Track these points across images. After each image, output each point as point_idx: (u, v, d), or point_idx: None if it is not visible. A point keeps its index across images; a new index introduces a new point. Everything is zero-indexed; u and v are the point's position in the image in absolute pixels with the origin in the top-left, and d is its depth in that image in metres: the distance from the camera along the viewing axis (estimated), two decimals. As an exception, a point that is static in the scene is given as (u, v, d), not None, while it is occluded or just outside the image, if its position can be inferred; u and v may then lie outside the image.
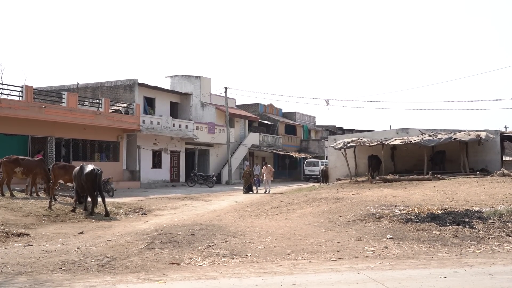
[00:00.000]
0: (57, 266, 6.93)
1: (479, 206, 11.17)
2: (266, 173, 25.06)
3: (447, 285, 5.61)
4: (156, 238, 8.63)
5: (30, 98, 22.74)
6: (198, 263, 7.10)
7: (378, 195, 14.38)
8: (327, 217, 11.00)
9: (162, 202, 18.49)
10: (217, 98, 38.77)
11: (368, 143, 24.17)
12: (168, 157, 32.25)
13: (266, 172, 25.12)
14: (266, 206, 14.01)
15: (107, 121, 26.67)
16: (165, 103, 34.45)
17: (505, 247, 7.97)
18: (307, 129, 52.73)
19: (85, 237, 9.57)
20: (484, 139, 21.86)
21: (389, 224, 9.59)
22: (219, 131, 36.04)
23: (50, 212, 13.01)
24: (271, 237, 8.91)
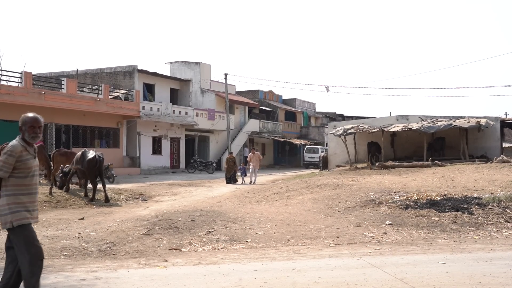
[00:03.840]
0: (58, 251, 6.98)
1: (478, 192, 11.21)
2: (253, 160, 21.74)
3: (445, 270, 5.66)
4: (156, 224, 8.67)
5: (30, 84, 22.68)
6: (199, 249, 7.15)
7: (377, 181, 14.42)
8: (326, 204, 11.05)
9: (162, 189, 18.54)
10: (217, 85, 38.65)
11: (368, 130, 24.17)
12: (168, 143, 32.26)
13: (253, 159, 21.79)
14: (266, 193, 14.06)
15: (106, 108, 26.62)
16: (165, 89, 34.35)
17: (503, 233, 8.02)
18: (307, 116, 52.66)
19: (86, 223, 9.62)
20: (484, 125, 21.85)
21: (388, 210, 9.63)
22: (219, 118, 35.99)
23: (51, 198, 13.05)
24: (271, 223, 8.96)
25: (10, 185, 4.02)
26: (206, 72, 38.10)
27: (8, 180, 4.02)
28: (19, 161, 4.03)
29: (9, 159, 3.99)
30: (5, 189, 4.03)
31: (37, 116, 4.24)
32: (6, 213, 3.97)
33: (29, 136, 4.17)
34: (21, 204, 4.04)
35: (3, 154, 4.03)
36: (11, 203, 3.99)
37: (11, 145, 4.08)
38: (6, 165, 3.99)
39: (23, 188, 4.06)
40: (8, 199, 3.99)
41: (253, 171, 21.69)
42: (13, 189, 4.03)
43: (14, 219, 3.97)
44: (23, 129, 4.17)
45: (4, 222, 3.97)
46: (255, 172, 21.74)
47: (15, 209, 3.99)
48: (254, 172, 21.68)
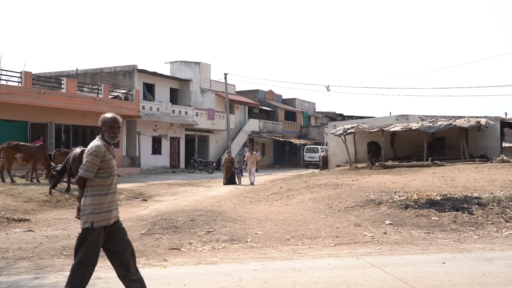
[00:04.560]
0: (58, 251, 6.97)
1: (478, 192, 11.20)
2: (250, 161, 21.29)
3: (445, 270, 5.66)
4: (156, 224, 8.67)
5: (29, 84, 22.66)
6: (198, 249, 7.14)
7: (377, 181, 14.42)
8: (326, 203, 11.04)
9: (162, 188, 18.54)
10: (217, 84, 38.65)
11: (368, 130, 24.17)
12: (168, 143, 32.25)
13: (250, 160, 21.35)
14: (265, 192, 14.06)
15: (106, 107, 26.57)
16: (165, 89, 34.34)
17: (503, 233, 8.02)
18: (307, 116, 52.67)
19: (85, 223, 9.60)
20: (484, 125, 21.85)
21: (388, 210, 9.63)
22: (219, 117, 35.98)
23: (51, 197, 13.05)
24: (271, 222, 8.95)
25: (94, 185, 4.05)
26: (206, 71, 38.10)
27: (92, 180, 4.04)
28: (104, 161, 4.06)
29: (95, 159, 4.02)
30: (89, 189, 4.05)
31: (116, 116, 4.27)
32: (89, 213, 4.00)
33: (108, 136, 4.19)
34: (104, 204, 4.07)
35: (89, 154, 4.03)
36: (94, 204, 4.02)
37: (96, 145, 4.09)
38: (92, 165, 4.01)
39: (105, 188, 4.09)
40: (92, 200, 4.03)
41: (250, 172, 21.13)
42: (97, 189, 4.06)
43: (94, 220, 3.99)
44: (102, 129, 4.20)
45: (84, 222, 4.00)
46: (253, 172, 21.19)
47: (98, 210, 4.02)
48: (252, 173, 21.11)
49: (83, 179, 4.03)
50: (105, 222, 4.04)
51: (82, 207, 4.04)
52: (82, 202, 4.05)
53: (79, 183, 4.08)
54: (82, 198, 4.06)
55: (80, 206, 4.12)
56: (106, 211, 4.06)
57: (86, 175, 4.00)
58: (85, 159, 4.03)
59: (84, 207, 4.02)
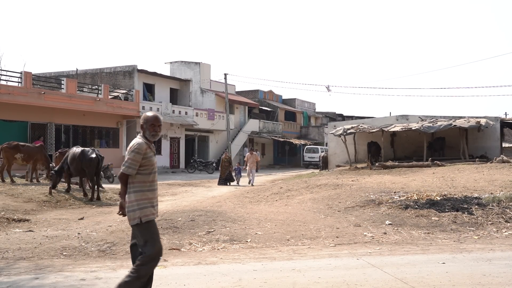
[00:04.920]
0: (58, 251, 6.97)
1: (478, 192, 11.20)
2: (250, 161, 20.96)
3: (445, 270, 5.66)
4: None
5: (29, 84, 22.66)
6: (198, 249, 7.14)
7: (377, 181, 14.42)
8: (326, 203, 11.04)
9: (162, 189, 18.53)
10: (216, 85, 38.65)
11: (368, 130, 24.17)
12: (168, 143, 32.25)
13: (250, 160, 21.02)
14: (265, 193, 14.05)
15: (106, 107, 26.61)
16: (165, 89, 34.35)
17: (503, 233, 8.02)
18: (307, 116, 52.66)
19: (85, 223, 9.61)
20: (484, 125, 21.85)
21: (388, 210, 9.62)
22: (219, 118, 35.98)
23: (51, 198, 13.04)
24: (271, 223, 8.95)
25: (136, 182, 4.17)
26: (206, 72, 38.10)
27: (134, 177, 4.16)
28: (145, 158, 4.18)
29: (136, 156, 4.13)
30: (132, 186, 4.17)
31: (157, 115, 4.42)
32: (135, 209, 4.11)
33: (149, 134, 4.31)
34: (148, 199, 4.19)
35: (131, 151, 4.14)
36: (139, 199, 4.13)
37: (137, 143, 4.20)
38: (134, 162, 4.12)
39: (147, 184, 4.21)
40: (136, 196, 4.14)
41: (250, 172, 20.83)
42: (139, 186, 4.17)
43: (142, 215, 4.10)
44: (144, 127, 4.32)
45: (133, 218, 4.11)
46: (253, 173, 20.90)
47: (143, 205, 4.14)
48: (252, 173, 20.83)
49: (125, 175, 4.16)
50: (151, 217, 4.18)
51: (127, 203, 4.17)
52: (127, 199, 4.18)
53: (121, 179, 4.20)
54: (125, 195, 4.19)
55: (122, 202, 4.27)
56: (149, 206, 4.19)
57: (128, 171, 4.13)
58: (127, 156, 4.16)
59: (130, 203, 4.15)
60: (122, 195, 4.28)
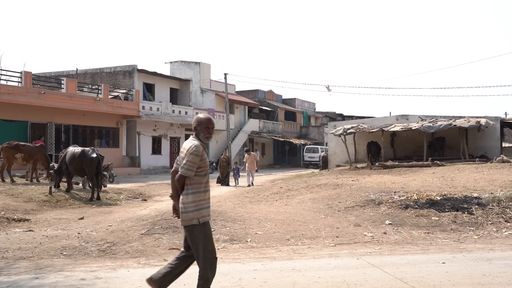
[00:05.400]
0: (58, 251, 6.97)
1: (478, 192, 11.20)
2: (249, 162, 20.51)
3: (445, 270, 5.66)
4: (156, 224, 8.66)
5: (29, 84, 22.66)
6: (198, 249, 7.13)
7: (377, 181, 14.42)
8: (326, 203, 11.04)
9: (162, 188, 18.53)
10: (216, 84, 38.64)
11: (368, 130, 24.17)
12: (168, 143, 32.26)
13: (249, 161, 20.55)
14: (265, 192, 14.05)
15: (106, 107, 26.61)
16: (165, 89, 34.35)
17: (503, 233, 8.02)
18: (307, 116, 52.66)
19: (85, 223, 9.61)
20: (484, 125, 21.85)
21: (388, 210, 9.62)
22: (219, 117, 35.98)
23: (51, 197, 13.05)
24: (271, 222, 8.95)
25: (194, 183, 4.18)
26: (206, 71, 38.09)
27: (191, 178, 4.17)
28: (202, 160, 4.21)
29: (195, 158, 4.15)
30: (189, 187, 4.18)
31: (210, 117, 4.48)
32: (192, 210, 4.14)
33: (203, 136, 4.37)
34: (204, 201, 4.23)
35: (190, 154, 4.16)
36: (196, 201, 4.16)
37: (195, 145, 4.22)
38: (193, 164, 4.14)
39: (203, 185, 4.24)
40: (193, 197, 4.17)
41: (249, 173, 20.42)
42: (196, 187, 4.20)
43: (200, 216, 4.14)
44: (198, 129, 4.38)
45: (190, 219, 4.14)
46: (252, 174, 20.49)
47: (200, 206, 4.18)
48: (251, 174, 20.42)
49: (183, 177, 4.15)
50: (207, 218, 4.22)
51: (183, 205, 4.17)
52: (182, 200, 4.18)
53: (179, 182, 4.20)
54: (180, 197, 4.20)
55: (176, 205, 4.30)
56: (206, 207, 4.23)
57: (188, 173, 4.13)
58: (186, 158, 4.15)
59: (186, 204, 4.15)
60: (174, 198, 4.31)
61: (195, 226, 4.13)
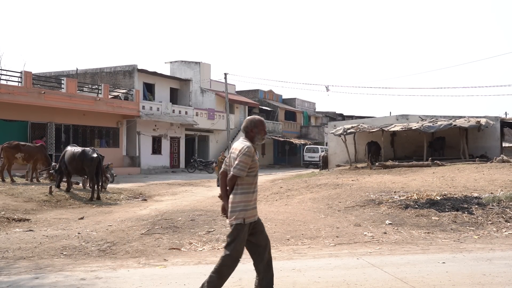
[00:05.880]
0: (58, 251, 6.97)
1: (478, 192, 11.20)
2: None
3: (445, 270, 5.65)
4: (156, 224, 8.67)
5: (29, 83, 22.67)
6: (198, 248, 7.14)
7: (377, 181, 14.42)
8: (326, 203, 11.04)
9: (162, 188, 18.54)
10: (217, 84, 38.64)
11: (368, 130, 24.16)
12: (168, 143, 32.26)
13: None
14: (265, 192, 14.05)
15: (106, 107, 26.62)
16: (165, 89, 34.35)
17: (503, 233, 8.01)
18: (307, 115, 52.65)
19: (85, 223, 9.61)
20: (484, 125, 21.85)
21: (388, 210, 9.62)
22: (219, 117, 35.99)
23: (51, 197, 13.05)
24: (271, 222, 8.95)
25: (244, 183, 4.27)
26: (206, 71, 38.09)
27: (242, 179, 4.26)
28: (253, 161, 4.28)
29: (248, 159, 4.22)
30: (240, 187, 4.27)
31: (263, 119, 4.58)
32: (240, 210, 4.22)
33: (261, 138, 4.46)
34: (252, 201, 4.31)
35: (242, 154, 4.22)
36: (244, 201, 4.25)
37: (247, 146, 4.27)
38: (245, 165, 4.21)
39: (252, 186, 4.32)
40: (242, 197, 4.25)
41: None
42: (246, 188, 4.28)
43: (246, 216, 4.23)
44: (255, 131, 4.42)
45: (236, 217, 4.22)
46: None
47: (248, 206, 4.27)
48: None
49: (236, 177, 4.24)
50: (252, 218, 4.30)
51: (231, 204, 4.26)
52: (231, 199, 4.27)
53: (231, 181, 4.29)
54: (230, 196, 4.30)
55: (225, 204, 4.37)
56: (253, 208, 4.31)
57: (240, 174, 4.21)
58: (239, 159, 4.22)
59: (234, 204, 4.25)
60: (224, 198, 4.39)
61: (239, 225, 4.22)
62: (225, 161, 4.53)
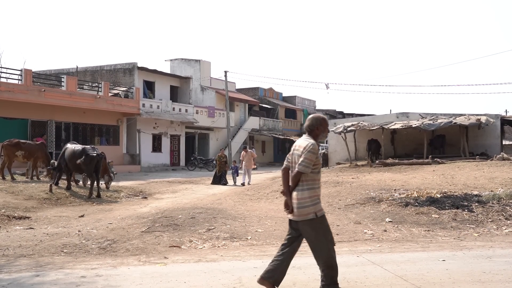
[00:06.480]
0: (59, 248, 6.97)
1: (478, 190, 11.20)
2: (246, 160, 19.86)
3: (445, 267, 5.66)
4: (156, 221, 8.67)
5: (29, 81, 22.66)
6: (199, 246, 7.15)
7: (377, 179, 14.42)
8: (326, 201, 11.04)
9: (162, 186, 18.54)
10: (217, 82, 38.62)
11: (368, 127, 24.16)
12: (168, 141, 32.26)
13: (246, 158, 19.89)
14: (266, 190, 14.06)
15: (106, 105, 26.61)
16: (165, 87, 34.34)
17: (503, 231, 8.02)
18: (307, 113, 52.58)
19: (86, 220, 9.62)
20: (484, 123, 21.86)
21: (388, 208, 9.62)
22: (219, 115, 35.98)
23: (51, 195, 13.05)
24: (271, 220, 8.96)
25: (309, 179, 4.38)
26: (206, 69, 38.07)
27: (307, 175, 4.37)
28: (317, 158, 4.41)
29: (312, 156, 4.34)
30: (305, 184, 4.38)
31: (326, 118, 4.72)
32: (309, 205, 4.34)
33: (324, 136, 4.62)
34: (318, 196, 4.43)
35: (307, 152, 4.32)
36: (312, 196, 4.36)
37: (312, 143, 4.38)
38: (310, 162, 4.33)
39: (316, 182, 4.44)
40: (309, 192, 4.36)
41: (246, 172, 19.72)
42: (311, 183, 4.39)
43: (317, 210, 4.35)
44: (320, 129, 4.56)
45: (306, 213, 4.33)
46: (249, 172, 19.86)
47: (316, 201, 4.38)
48: (248, 173, 19.78)
49: (300, 174, 4.36)
50: (323, 211, 4.42)
51: (299, 200, 4.37)
52: (298, 195, 4.38)
53: (295, 178, 4.40)
54: (294, 193, 4.40)
55: (288, 200, 4.46)
56: (319, 202, 4.43)
57: (305, 170, 4.33)
58: (304, 156, 4.33)
59: (302, 200, 4.36)
60: (286, 193, 4.49)
61: (313, 220, 4.32)
62: (287, 158, 4.65)
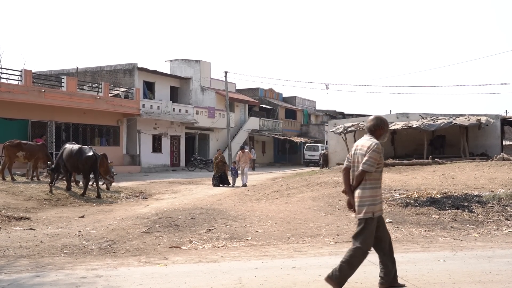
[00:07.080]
0: (59, 249, 6.97)
1: (479, 190, 11.19)
2: (242, 160, 19.65)
3: (445, 268, 5.66)
4: (156, 222, 8.67)
5: (30, 82, 22.67)
6: (199, 247, 7.15)
7: (378, 179, 14.38)
8: (327, 201, 11.03)
9: (162, 186, 18.54)
10: (217, 83, 38.63)
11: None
12: (168, 141, 32.27)
13: (242, 159, 19.69)
14: (266, 190, 14.05)
15: (106, 106, 26.62)
16: (165, 87, 34.36)
17: (503, 231, 8.02)
18: (307, 114, 52.65)
19: (86, 221, 9.62)
20: (484, 123, 21.85)
21: (388, 208, 9.61)
22: (219, 116, 35.99)
23: (51, 196, 13.05)
24: (271, 221, 8.95)
25: (372, 179, 4.50)
26: (206, 70, 38.09)
27: (370, 174, 4.48)
28: (381, 157, 4.51)
29: (377, 155, 4.46)
30: (368, 183, 4.49)
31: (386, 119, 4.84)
32: (369, 204, 4.45)
33: (386, 136, 4.72)
34: (379, 196, 4.54)
35: (372, 151, 4.44)
36: (373, 195, 4.47)
37: (376, 143, 4.50)
38: (375, 161, 4.45)
39: (378, 182, 4.55)
40: (371, 192, 4.48)
41: (243, 172, 19.47)
42: (374, 183, 4.51)
43: (376, 210, 4.46)
44: (385, 129, 4.70)
45: (365, 212, 4.45)
46: (245, 172, 19.54)
47: (377, 200, 4.49)
48: (245, 173, 19.45)
49: (364, 173, 4.46)
50: (379, 212, 4.52)
51: (359, 198, 4.49)
52: (360, 194, 4.50)
53: (359, 177, 4.50)
54: (357, 191, 4.52)
55: (350, 199, 4.61)
56: (379, 202, 4.53)
57: (370, 169, 4.44)
58: (368, 155, 4.45)
59: (364, 198, 4.48)
60: (348, 193, 4.64)
61: (368, 219, 4.43)
62: (347, 157, 4.74)
